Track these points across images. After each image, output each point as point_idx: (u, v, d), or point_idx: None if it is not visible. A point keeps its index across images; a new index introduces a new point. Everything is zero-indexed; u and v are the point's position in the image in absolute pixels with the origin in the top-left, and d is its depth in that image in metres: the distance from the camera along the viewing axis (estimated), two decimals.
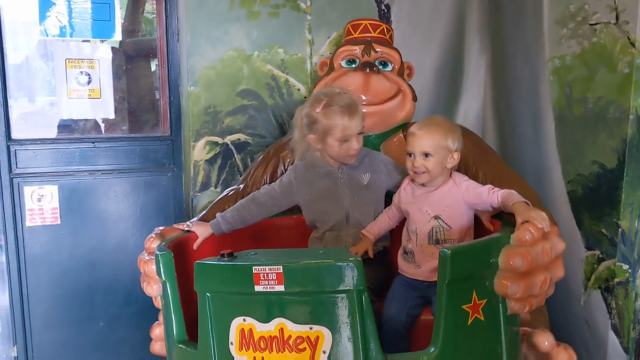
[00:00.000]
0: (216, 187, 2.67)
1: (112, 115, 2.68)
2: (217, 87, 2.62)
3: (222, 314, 1.56)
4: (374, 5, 2.76)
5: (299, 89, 2.70)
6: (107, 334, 2.74)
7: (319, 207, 2.11)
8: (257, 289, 1.48)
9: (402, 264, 1.97)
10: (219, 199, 2.34)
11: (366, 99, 2.28)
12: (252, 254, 1.59)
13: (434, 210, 1.89)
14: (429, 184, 1.93)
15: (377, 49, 2.40)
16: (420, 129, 1.89)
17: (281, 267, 1.47)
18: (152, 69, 2.84)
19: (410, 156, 1.91)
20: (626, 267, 2.18)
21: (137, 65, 2.84)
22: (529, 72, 2.64)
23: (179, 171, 2.74)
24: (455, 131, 1.91)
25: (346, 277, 1.47)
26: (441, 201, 1.90)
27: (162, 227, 2.07)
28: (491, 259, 1.61)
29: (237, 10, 2.60)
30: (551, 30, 2.47)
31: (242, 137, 2.68)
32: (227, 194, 2.34)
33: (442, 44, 2.94)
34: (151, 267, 1.85)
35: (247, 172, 2.44)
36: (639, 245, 2.16)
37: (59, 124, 2.67)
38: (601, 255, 2.24)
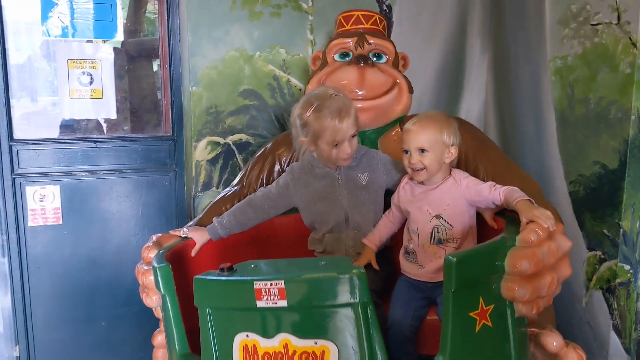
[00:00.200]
0: (218, 187, 2.67)
1: (114, 115, 2.68)
2: (219, 87, 2.62)
3: (224, 329, 1.52)
4: (376, 5, 2.75)
5: (300, 89, 2.70)
6: (108, 334, 2.75)
7: (316, 209, 2.07)
8: (259, 304, 1.44)
9: (404, 265, 1.94)
10: (215, 201, 2.28)
11: (361, 93, 2.23)
12: (252, 265, 1.54)
13: (434, 209, 1.85)
14: (428, 182, 1.88)
15: (370, 41, 2.33)
16: (414, 124, 1.85)
17: (283, 282, 1.42)
18: (154, 69, 2.84)
19: (406, 153, 1.87)
20: (628, 267, 2.17)
21: (139, 65, 2.85)
22: (531, 72, 2.64)
23: (181, 171, 2.75)
24: (451, 125, 1.86)
25: (350, 290, 1.43)
26: (442, 200, 1.85)
27: (158, 235, 2.02)
28: (497, 262, 1.57)
29: (239, 10, 2.60)
30: (553, 30, 2.47)
31: (243, 137, 2.68)
32: (225, 195, 2.28)
33: (443, 44, 2.93)
34: (149, 278, 1.79)
35: (243, 172, 2.38)
36: None
37: (61, 124, 2.68)
38: (603, 255, 2.24)
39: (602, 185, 2.23)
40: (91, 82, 2.60)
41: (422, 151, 1.82)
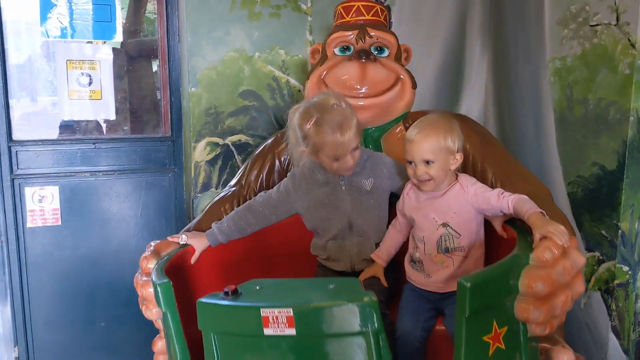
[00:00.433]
0: (217, 188, 2.67)
1: (113, 116, 2.68)
2: (218, 87, 2.62)
3: (230, 356, 1.47)
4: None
5: (299, 90, 2.70)
6: (108, 335, 2.75)
7: (318, 215, 2.01)
8: (267, 332, 1.38)
9: (410, 272, 1.89)
10: (214, 202, 2.22)
11: (363, 90, 2.17)
12: (257, 287, 1.48)
13: (441, 217, 1.78)
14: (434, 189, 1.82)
15: (371, 34, 2.25)
16: (417, 134, 1.77)
17: (291, 310, 1.36)
18: (154, 69, 2.84)
19: (410, 164, 1.79)
20: (626, 268, 2.17)
21: (139, 65, 2.85)
22: (530, 73, 2.63)
23: (180, 172, 2.75)
24: (454, 129, 1.79)
25: (362, 319, 1.36)
26: (448, 207, 1.79)
27: (157, 242, 1.98)
28: (511, 281, 1.50)
29: (238, 11, 2.60)
30: (552, 31, 2.46)
31: (243, 138, 2.68)
32: (224, 195, 2.22)
33: (443, 45, 2.93)
34: (149, 290, 1.73)
35: (241, 171, 2.32)
36: (639, 247, 2.16)
37: (61, 124, 2.68)
38: (601, 257, 2.23)
39: (600, 186, 2.23)
40: (90, 83, 2.60)
41: (428, 162, 1.76)
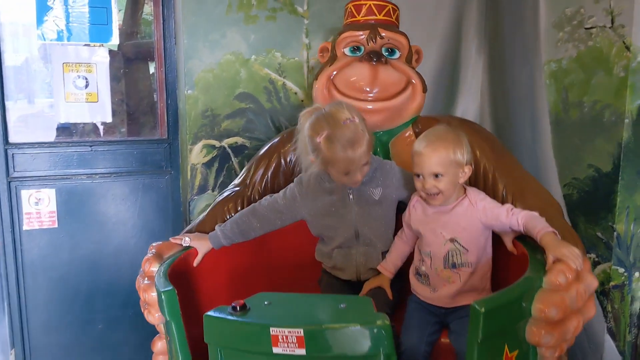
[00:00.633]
0: (213, 191, 2.68)
1: (109, 119, 2.68)
2: (215, 90, 2.63)
3: None
4: None
5: (295, 93, 2.71)
6: (106, 337, 2.75)
7: (324, 223, 1.99)
8: (276, 350, 1.36)
9: (415, 285, 1.89)
10: (217, 201, 2.20)
11: (373, 93, 2.15)
12: (265, 302, 1.47)
13: (449, 232, 1.76)
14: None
15: (382, 34, 2.21)
16: (425, 147, 1.74)
17: (302, 330, 1.34)
18: (151, 71, 2.84)
19: (418, 176, 1.77)
20: (622, 270, 2.18)
21: (136, 67, 2.85)
22: (526, 75, 2.64)
23: (177, 174, 2.75)
24: (462, 142, 1.76)
25: (374, 342, 1.35)
26: (457, 223, 1.77)
27: (158, 243, 1.96)
28: (524, 303, 1.48)
29: (235, 13, 2.60)
30: (547, 33, 2.47)
31: (239, 140, 2.68)
32: (227, 195, 2.19)
33: (439, 47, 2.94)
34: (151, 294, 1.71)
35: (246, 171, 2.29)
36: (635, 248, 2.16)
37: (58, 126, 2.67)
38: (597, 258, 2.24)
39: (596, 188, 2.24)
40: (86, 86, 2.60)
41: (437, 176, 1.73)
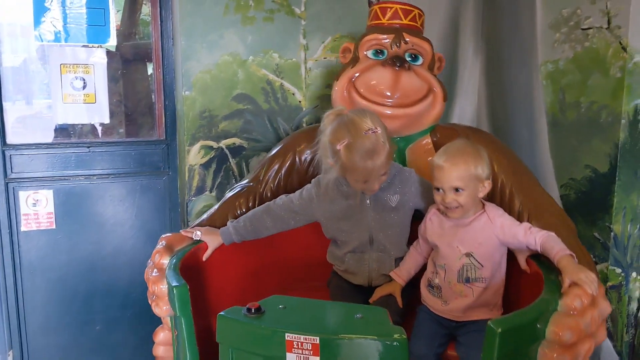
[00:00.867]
0: (211, 192, 2.68)
1: (107, 120, 2.68)
2: (213, 91, 2.62)
3: None
4: (367, 8, 2.75)
5: (293, 94, 2.71)
6: (104, 338, 2.74)
7: (339, 227, 1.98)
8: (289, 356, 1.37)
9: (426, 296, 1.89)
10: (229, 196, 2.19)
11: (394, 99, 2.13)
12: (280, 306, 1.48)
13: (465, 247, 1.77)
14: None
15: (407, 39, 2.19)
16: (446, 161, 1.74)
17: (318, 339, 1.35)
18: (149, 72, 2.84)
19: (438, 190, 1.77)
20: (619, 271, 2.19)
21: (134, 68, 2.84)
22: (523, 76, 2.65)
23: (174, 175, 2.75)
24: (482, 157, 1.76)
25: (389, 355, 1.35)
26: (474, 238, 1.77)
27: (168, 235, 1.95)
28: (539, 325, 1.49)
29: (232, 15, 2.60)
30: (544, 34, 2.48)
31: (237, 141, 2.69)
32: (239, 190, 2.18)
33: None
34: (160, 287, 1.71)
35: (259, 168, 2.28)
36: (632, 249, 2.17)
37: (56, 127, 2.67)
38: (594, 259, 2.24)
39: (593, 189, 2.24)
40: (84, 87, 2.60)
41: (457, 190, 1.73)
